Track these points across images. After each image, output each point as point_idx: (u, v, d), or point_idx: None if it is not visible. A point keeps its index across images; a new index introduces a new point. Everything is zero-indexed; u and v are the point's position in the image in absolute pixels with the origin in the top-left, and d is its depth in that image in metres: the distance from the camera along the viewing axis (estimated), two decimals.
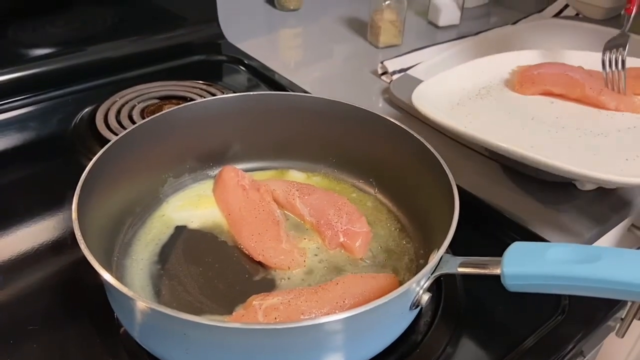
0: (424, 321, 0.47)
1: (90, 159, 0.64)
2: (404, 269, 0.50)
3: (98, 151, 0.64)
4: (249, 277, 0.49)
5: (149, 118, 0.53)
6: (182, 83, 0.77)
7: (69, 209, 0.58)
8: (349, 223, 0.53)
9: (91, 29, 0.80)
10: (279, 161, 0.62)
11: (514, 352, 0.45)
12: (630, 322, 0.90)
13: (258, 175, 0.60)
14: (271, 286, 0.48)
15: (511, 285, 0.37)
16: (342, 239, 0.52)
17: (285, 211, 0.56)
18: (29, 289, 0.50)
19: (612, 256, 0.34)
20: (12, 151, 0.67)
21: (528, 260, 0.37)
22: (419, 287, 0.40)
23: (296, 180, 0.60)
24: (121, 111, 0.70)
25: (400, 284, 0.39)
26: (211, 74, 0.84)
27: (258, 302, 0.43)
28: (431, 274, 0.41)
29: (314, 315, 0.42)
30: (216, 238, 0.53)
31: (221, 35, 0.90)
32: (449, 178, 0.47)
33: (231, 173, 0.57)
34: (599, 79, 0.68)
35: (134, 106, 0.71)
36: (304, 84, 0.82)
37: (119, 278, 0.46)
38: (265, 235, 0.51)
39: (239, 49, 0.90)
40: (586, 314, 0.48)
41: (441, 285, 0.49)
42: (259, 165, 0.62)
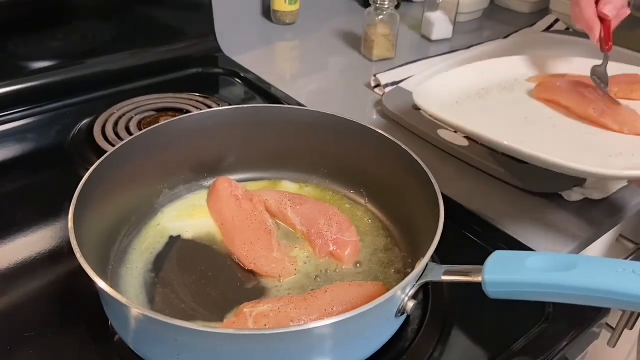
0: (412, 328, 0.48)
1: (88, 169, 0.65)
2: (393, 277, 0.51)
3: (95, 162, 0.66)
4: (240, 285, 0.50)
5: (145, 130, 0.55)
6: (179, 95, 0.79)
7: (66, 218, 0.59)
8: (339, 232, 0.54)
9: (90, 43, 0.82)
10: (272, 172, 0.63)
11: (499, 358, 0.46)
12: (621, 332, 0.91)
13: (251, 186, 0.62)
14: (262, 294, 0.49)
15: (492, 292, 0.39)
16: (332, 248, 0.53)
17: (277, 220, 0.57)
18: (26, 296, 0.51)
19: (587, 265, 0.35)
20: (11, 162, 0.68)
21: (508, 268, 0.38)
22: (404, 294, 0.42)
23: (289, 190, 0.61)
24: (119, 123, 0.71)
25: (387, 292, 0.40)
26: (208, 87, 0.86)
27: (249, 309, 0.44)
28: (416, 282, 0.42)
29: (303, 322, 0.43)
30: (210, 247, 0.54)
31: (218, 49, 0.92)
32: (435, 189, 0.48)
33: (225, 184, 0.58)
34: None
35: (131, 118, 0.73)
36: (299, 96, 0.83)
37: (114, 286, 0.47)
38: (257, 244, 0.52)
39: (235, 62, 0.91)
40: (570, 321, 0.49)
41: (429, 293, 0.50)
42: (252, 175, 0.63)
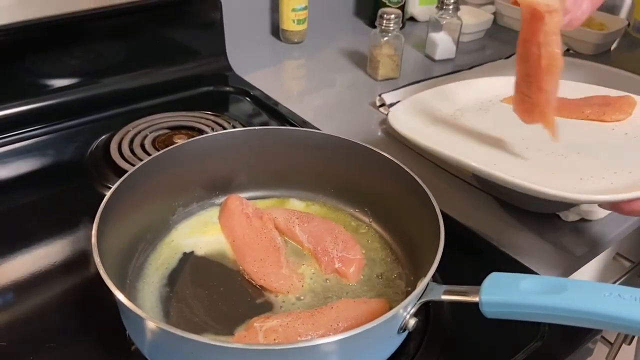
0: (413, 344, 0.50)
1: (104, 185, 0.69)
2: (395, 294, 0.54)
3: (112, 178, 0.69)
4: (250, 300, 0.53)
5: (162, 151, 0.58)
6: (191, 114, 0.82)
7: (84, 231, 0.63)
8: (344, 250, 0.57)
9: (105, 62, 0.85)
10: (280, 190, 0.66)
11: None
12: (619, 347, 0.93)
13: (260, 203, 0.64)
14: (270, 309, 0.52)
15: (488, 312, 0.41)
16: (337, 265, 0.56)
17: (285, 237, 0.60)
18: (45, 308, 0.53)
19: (577, 288, 0.38)
20: (32, 176, 0.72)
21: (503, 290, 0.40)
22: (406, 312, 0.44)
23: (296, 208, 0.64)
24: (134, 140, 0.74)
25: (391, 309, 0.43)
26: (218, 105, 0.89)
27: (259, 324, 0.47)
28: (417, 301, 0.45)
29: (310, 337, 0.45)
30: (221, 263, 0.57)
31: (229, 68, 0.96)
32: (436, 210, 0.51)
33: (236, 202, 0.61)
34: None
35: (146, 136, 0.76)
36: (305, 113, 0.86)
37: (132, 300, 0.49)
38: (267, 261, 0.55)
39: (245, 80, 0.95)
40: (565, 338, 0.52)
41: (429, 310, 0.53)
42: (261, 194, 0.66)
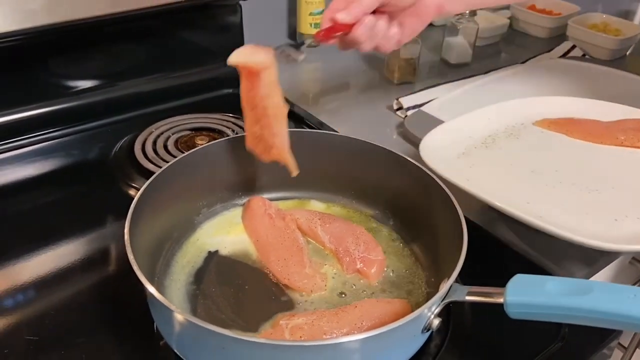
0: (434, 344, 0.51)
1: (129, 184, 0.70)
2: (415, 295, 0.55)
3: (136, 178, 0.71)
4: (275, 299, 0.54)
5: (187, 152, 0.59)
6: (212, 115, 0.83)
7: (110, 229, 0.64)
8: (366, 251, 0.58)
9: (127, 66, 0.87)
10: (301, 192, 0.67)
11: None
12: (633, 351, 0.93)
13: (282, 204, 0.65)
14: (293, 307, 0.53)
15: (513, 312, 0.42)
16: (359, 266, 0.57)
17: (307, 238, 0.61)
18: (74, 303, 0.55)
19: (602, 290, 0.39)
20: (58, 174, 0.73)
21: (528, 291, 0.41)
22: (430, 312, 0.45)
23: (316, 209, 0.65)
24: (157, 141, 0.76)
25: (412, 310, 0.44)
26: (238, 107, 0.89)
27: (285, 321, 0.48)
28: (441, 301, 0.46)
29: (335, 335, 0.46)
30: (245, 262, 0.58)
31: None
32: (459, 213, 0.51)
33: (259, 202, 0.62)
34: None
35: (169, 137, 0.77)
36: (322, 116, 0.87)
37: None
38: (290, 261, 0.56)
39: None
40: (583, 342, 0.52)
41: (450, 312, 0.54)
42: (283, 195, 0.67)
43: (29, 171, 0.74)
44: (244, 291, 0.54)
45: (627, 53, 1.15)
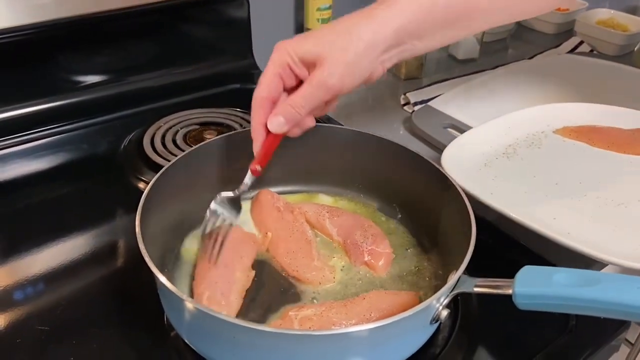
0: (442, 336, 0.51)
1: (138, 178, 0.71)
2: (423, 287, 0.55)
3: (145, 171, 0.71)
4: (283, 291, 0.54)
5: (196, 146, 0.60)
6: (219, 110, 0.84)
7: (120, 222, 0.65)
8: (374, 244, 0.58)
9: (135, 60, 0.87)
10: (309, 185, 0.68)
11: None
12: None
13: (290, 198, 0.66)
14: (301, 299, 0.53)
15: (521, 304, 0.42)
16: (366, 258, 0.57)
17: (316, 231, 0.61)
18: (84, 294, 0.55)
19: (610, 281, 0.39)
20: (68, 168, 0.74)
21: (537, 282, 0.41)
22: (438, 303, 0.45)
23: (324, 203, 0.65)
24: (166, 135, 0.76)
25: (420, 302, 0.44)
26: (245, 102, 0.89)
27: (294, 312, 0.48)
28: (450, 292, 0.46)
29: (343, 326, 0.47)
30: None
31: (255, 66, 0.97)
32: (467, 206, 0.52)
33: (267, 196, 0.63)
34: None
35: (177, 131, 0.78)
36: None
37: None
38: (299, 253, 0.56)
39: None
40: (591, 334, 0.52)
41: (458, 304, 0.54)
42: (291, 188, 0.67)
43: (39, 165, 0.74)
44: (253, 283, 0.55)
45: (635, 49, 1.15)
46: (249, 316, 0.51)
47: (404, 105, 0.91)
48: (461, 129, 0.80)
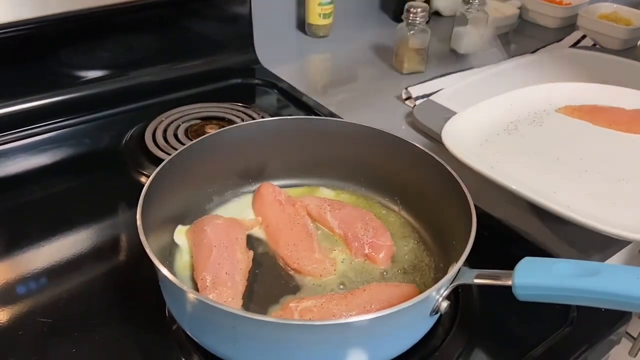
0: (443, 328, 0.51)
1: (140, 172, 0.71)
2: (423, 280, 0.55)
3: (147, 166, 0.72)
4: (284, 283, 0.54)
5: (198, 139, 0.60)
6: (221, 105, 0.84)
7: (122, 216, 0.65)
8: (375, 237, 0.58)
9: (137, 55, 0.88)
10: (310, 179, 0.68)
11: (525, 357, 0.49)
12: None
13: (291, 192, 0.66)
14: (303, 291, 0.54)
15: (521, 295, 0.42)
16: (367, 251, 0.57)
17: (317, 224, 0.61)
18: (87, 288, 0.56)
19: (609, 271, 0.39)
20: (70, 162, 0.74)
21: (536, 273, 0.41)
22: (438, 294, 0.45)
23: (326, 196, 0.65)
24: (167, 130, 0.77)
25: (420, 293, 0.44)
26: (246, 97, 0.91)
27: (294, 304, 0.48)
28: (450, 284, 0.46)
29: (344, 317, 0.47)
30: (255, 247, 0.58)
31: (256, 61, 0.98)
32: (468, 199, 0.52)
33: (269, 189, 0.63)
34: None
35: (179, 126, 0.78)
36: (331, 106, 0.88)
37: None
38: (300, 246, 0.56)
39: (272, 73, 0.96)
40: (593, 326, 0.52)
41: (459, 296, 0.54)
42: (292, 182, 0.67)
43: (41, 160, 0.75)
44: (253, 275, 0.55)
45: (638, 43, 1.14)
46: (250, 307, 0.51)
47: (406, 99, 0.91)
48: None
